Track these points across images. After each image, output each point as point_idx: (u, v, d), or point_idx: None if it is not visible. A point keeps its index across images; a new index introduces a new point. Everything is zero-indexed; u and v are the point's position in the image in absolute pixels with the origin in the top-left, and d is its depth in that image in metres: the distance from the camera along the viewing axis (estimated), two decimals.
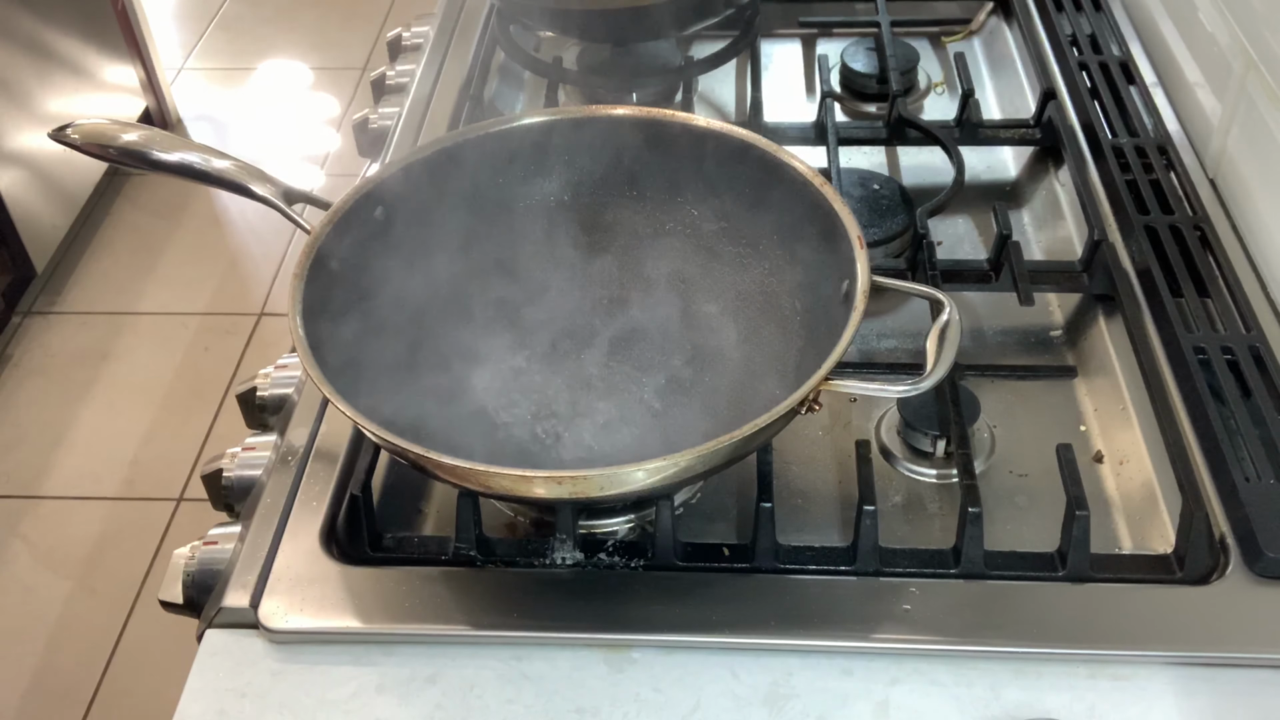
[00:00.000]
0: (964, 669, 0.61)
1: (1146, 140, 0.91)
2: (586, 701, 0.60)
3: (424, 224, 0.76)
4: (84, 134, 0.75)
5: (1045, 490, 0.71)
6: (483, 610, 0.64)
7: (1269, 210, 0.82)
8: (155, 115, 2.60)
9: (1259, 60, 0.84)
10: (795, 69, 1.12)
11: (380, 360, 0.71)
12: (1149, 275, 0.80)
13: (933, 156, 0.98)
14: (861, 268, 0.65)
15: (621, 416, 0.74)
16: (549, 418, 0.74)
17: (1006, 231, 0.82)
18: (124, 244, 2.36)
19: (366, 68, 2.78)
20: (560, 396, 0.75)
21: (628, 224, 0.81)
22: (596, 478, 0.58)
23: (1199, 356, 0.73)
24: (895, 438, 0.75)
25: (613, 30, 1.01)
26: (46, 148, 2.10)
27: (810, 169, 0.72)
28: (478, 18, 1.12)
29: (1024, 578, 0.64)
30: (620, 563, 0.65)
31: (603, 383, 0.76)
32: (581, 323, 0.79)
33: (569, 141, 0.79)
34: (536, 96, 1.11)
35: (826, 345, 0.63)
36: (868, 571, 0.65)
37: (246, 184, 0.74)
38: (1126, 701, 0.60)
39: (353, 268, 0.71)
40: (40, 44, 2.20)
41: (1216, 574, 0.64)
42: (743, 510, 0.71)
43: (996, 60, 1.11)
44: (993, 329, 0.84)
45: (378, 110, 1.05)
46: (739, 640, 0.62)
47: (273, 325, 2.17)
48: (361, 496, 0.67)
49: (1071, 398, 0.78)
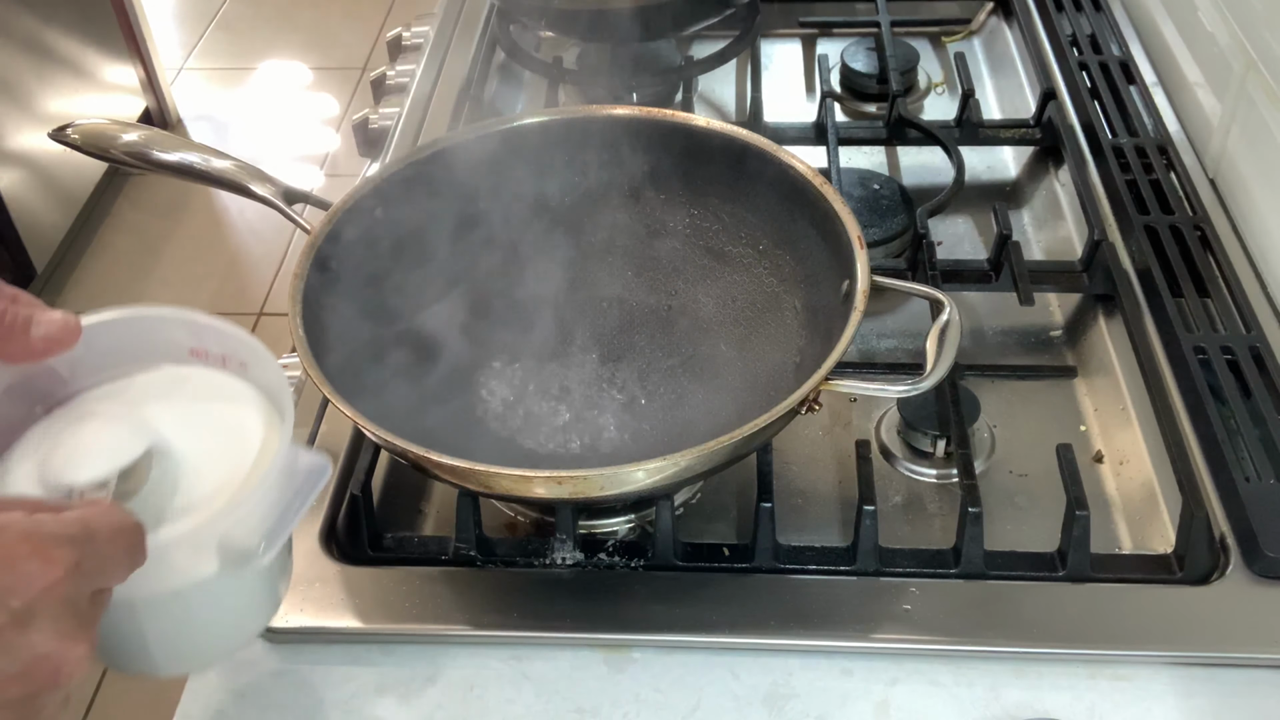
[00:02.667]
0: (964, 669, 0.61)
1: (1146, 140, 0.91)
2: (586, 701, 0.60)
3: (424, 224, 0.76)
4: (84, 134, 0.75)
5: (1045, 490, 0.71)
6: (483, 610, 0.64)
7: (1269, 210, 0.82)
8: (155, 115, 2.60)
9: (1259, 60, 0.84)
10: (795, 69, 1.12)
11: (380, 360, 0.71)
12: (1149, 275, 0.80)
13: (933, 156, 0.98)
14: (861, 268, 0.65)
15: (621, 416, 0.74)
16: (549, 417, 0.74)
17: (1006, 231, 0.82)
18: (124, 244, 2.36)
19: (366, 68, 2.78)
20: (560, 396, 0.75)
21: (627, 224, 0.81)
22: (596, 478, 0.58)
23: (1199, 356, 0.73)
24: (895, 438, 0.75)
25: (613, 30, 1.01)
26: (46, 148, 2.10)
27: (810, 169, 0.72)
28: (478, 18, 1.12)
29: (1024, 578, 0.64)
30: (620, 563, 0.65)
31: (603, 382, 0.76)
32: (581, 323, 0.79)
33: (569, 141, 0.79)
34: (536, 96, 1.11)
35: (826, 345, 0.63)
36: (868, 571, 0.65)
37: (246, 184, 0.74)
38: (1126, 701, 0.60)
39: (353, 268, 0.71)
40: (40, 44, 2.20)
41: (1216, 574, 0.64)
42: (743, 510, 0.71)
43: (996, 60, 1.11)
44: (993, 329, 0.84)
45: (378, 110, 1.05)
46: (739, 640, 0.62)
47: (273, 325, 2.17)
48: (361, 496, 0.67)
49: (1071, 398, 0.78)
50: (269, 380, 0.54)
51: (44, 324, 0.51)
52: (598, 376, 0.76)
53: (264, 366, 0.54)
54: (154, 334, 0.55)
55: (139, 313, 0.55)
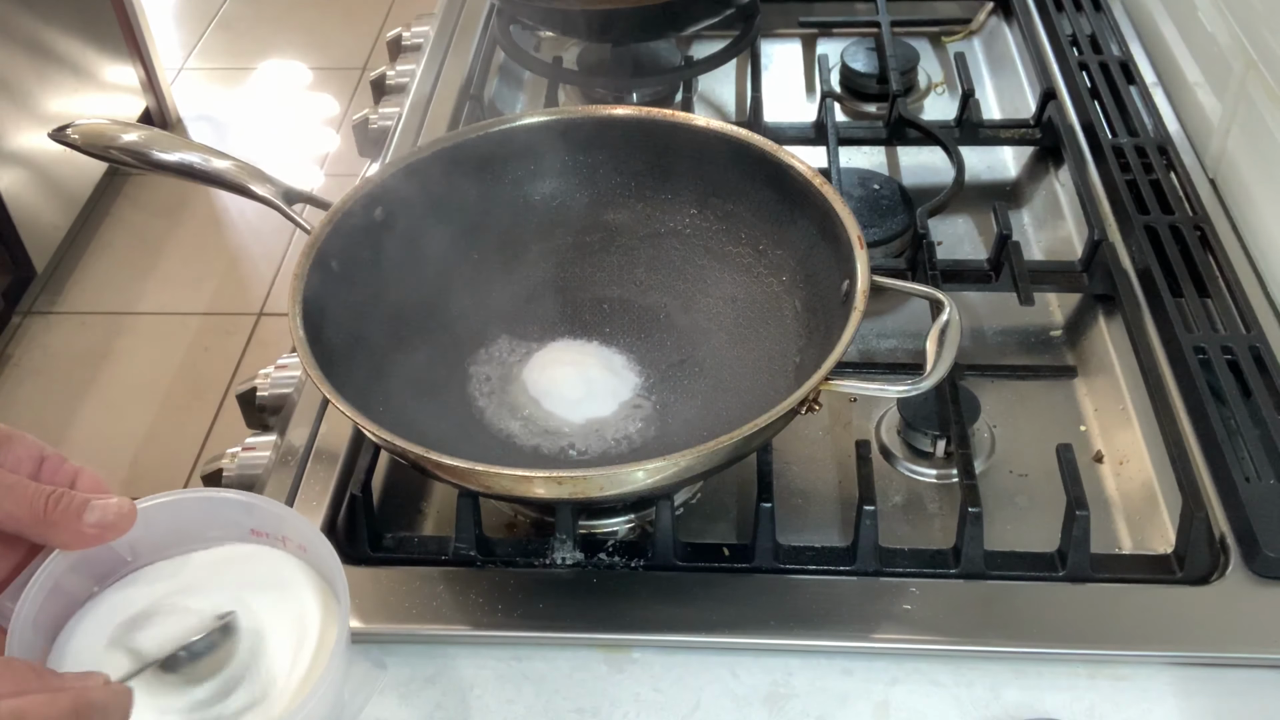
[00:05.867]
0: (964, 669, 0.61)
1: (1146, 140, 0.91)
2: (586, 701, 0.60)
3: (424, 224, 0.76)
4: (84, 134, 0.75)
5: (1045, 490, 0.71)
6: (483, 610, 0.63)
7: (1269, 210, 0.82)
8: (155, 115, 2.60)
9: (1259, 60, 0.84)
10: (795, 69, 1.12)
11: (380, 360, 0.71)
12: (1149, 275, 0.80)
13: (933, 156, 0.98)
14: (861, 268, 0.65)
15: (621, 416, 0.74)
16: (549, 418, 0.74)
17: (1006, 231, 0.82)
18: (124, 244, 2.36)
19: (366, 68, 2.78)
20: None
21: (627, 224, 0.81)
22: (596, 478, 0.58)
23: (1199, 356, 0.73)
24: (895, 438, 0.75)
25: (613, 30, 1.01)
26: (46, 148, 2.10)
27: (810, 169, 0.72)
28: (478, 18, 1.12)
29: (1024, 578, 0.64)
30: (620, 563, 0.65)
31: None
32: (582, 323, 0.79)
33: (569, 142, 0.79)
34: (536, 96, 1.11)
35: (826, 345, 0.63)
36: (868, 571, 0.65)
37: (246, 184, 0.74)
38: (1126, 701, 0.60)
39: (353, 268, 0.71)
40: (40, 44, 2.20)
41: (1216, 574, 0.64)
42: (743, 510, 0.71)
43: (996, 60, 1.11)
44: (993, 329, 0.84)
45: (378, 110, 1.05)
46: (739, 640, 0.62)
47: (273, 325, 2.17)
48: (361, 496, 0.67)
49: (1071, 398, 0.78)
50: (326, 564, 0.55)
51: (98, 510, 0.51)
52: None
53: (319, 550, 0.55)
54: (214, 514, 0.57)
55: (197, 494, 0.57)
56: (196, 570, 0.56)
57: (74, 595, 0.54)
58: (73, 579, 0.54)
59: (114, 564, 0.56)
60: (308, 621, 0.54)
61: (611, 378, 0.74)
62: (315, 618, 0.54)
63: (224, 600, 0.54)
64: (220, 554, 0.57)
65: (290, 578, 0.56)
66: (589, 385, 0.73)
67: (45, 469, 0.53)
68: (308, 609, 0.55)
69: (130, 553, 0.56)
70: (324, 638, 0.54)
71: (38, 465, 0.53)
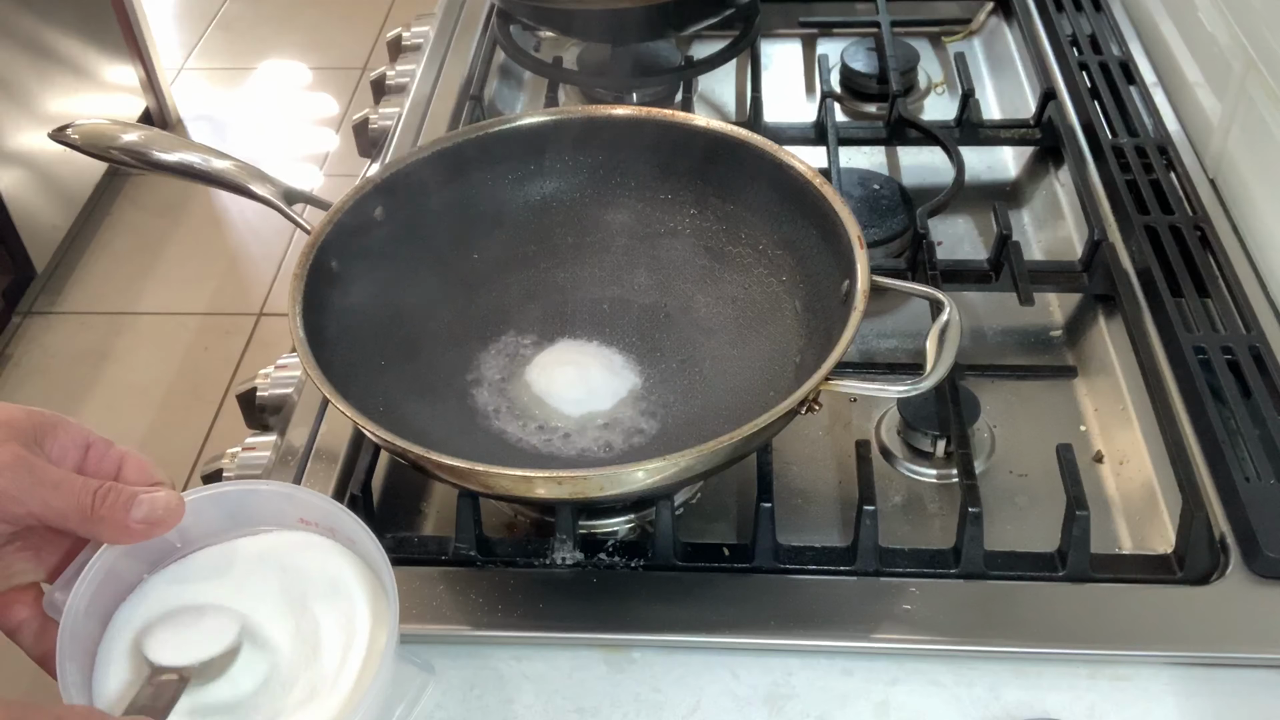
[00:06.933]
0: (964, 669, 0.61)
1: (1146, 140, 0.91)
2: (586, 701, 0.60)
3: (424, 224, 0.76)
4: (84, 134, 0.75)
5: (1045, 490, 0.71)
6: (483, 610, 0.63)
7: (1269, 210, 0.82)
8: (155, 115, 2.60)
9: (1259, 60, 0.84)
10: (795, 69, 1.12)
11: (381, 360, 0.71)
12: (1149, 275, 0.80)
13: (933, 156, 0.98)
14: (861, 268, 0.65)
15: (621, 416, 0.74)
16: (549, 417, 0.74)
17: (1006, 231, 0.82)
18: (124, 244, 2.36)
19: (366, 68, 2.78)
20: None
21: (627, 224, 0.81)
22: (596, 478, 0.58)
23: (1199, 356, 0.73)
24: (895, 438, 0.75)
25: (613, 30, 1.01)
26: (46, 148, 2.10)
27: (810, 169, 0.72)
28: (478, 18, 1.12)
29: (1024, 578, 0.64)
30: (620, 563, 0.65)
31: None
32: (581, 323, 0.79)
33: (569, 142, 0.79)
34: (536, 96, 1.11)
35: (826, 345, 0.63)
36: (868, 571, 0.65)
37: (246, 184, 0.74)
38: (1126, 701, 0.60)
39: (353, 267, 0.71)
40: (40, 44, 2.20)
41: (1216, 574, 0.64)
42: (743, 510, 0.71)
43: (996, 60, 1.11)
44: (993, 329, 0.84)
45: (378, 110, 1.05)
46: (739, 640, 0.62)
47: (273, 325, 2.17)
48: (361, 496, 0.67)
49: (1071, 398, 0.78)
50: (372, 556, 0.55)
51: (145, 505, 0.51)
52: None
53: (365, 544, 0.55)
54: (262, 505, 0.57)
55: (244, 486, 0.57)
56: (246, 561, 0.56)
57: (126, 580, 0.54)
58: (125, 563, 0.54)
59: (164, 550, 0.56)
60: (358, 624, 0.54)
61: (612, 378, 0.74)
62: (365, 618, 0.54)
63: (272, 600, 0.54)
64: (269, 541, 0.57)
65: (339, 572, 0.56)
66: (589, 385, 0.73)
67: (91, 456, 0.53)
68: (358, 608, 0.54)
69: (180, 539, 0.56)
70: (374, 639, 0.53)
71: (84, 452, 0.53)
